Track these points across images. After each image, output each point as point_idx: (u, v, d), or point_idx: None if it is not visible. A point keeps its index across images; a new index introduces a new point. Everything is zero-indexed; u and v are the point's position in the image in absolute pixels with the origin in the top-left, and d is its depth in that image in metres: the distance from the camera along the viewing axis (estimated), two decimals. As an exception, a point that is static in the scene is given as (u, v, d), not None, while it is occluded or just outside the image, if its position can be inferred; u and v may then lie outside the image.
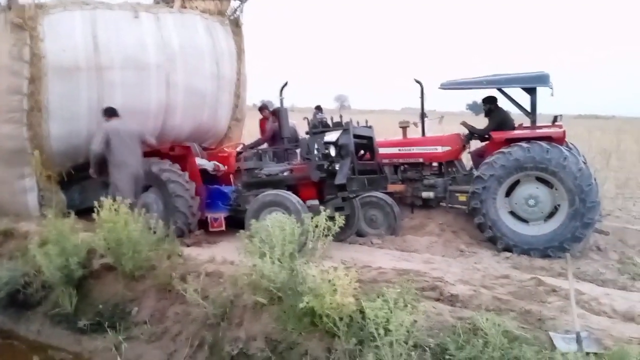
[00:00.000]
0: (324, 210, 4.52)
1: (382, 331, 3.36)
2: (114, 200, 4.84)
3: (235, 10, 8.52)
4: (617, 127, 27.06)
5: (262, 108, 9.25)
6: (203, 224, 6.81)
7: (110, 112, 6.50)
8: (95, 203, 4.98)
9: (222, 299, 4.35)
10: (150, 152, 6.86)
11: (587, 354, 3.30)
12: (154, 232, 5.15)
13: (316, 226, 4.35)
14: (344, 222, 4.47)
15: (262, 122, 9.11)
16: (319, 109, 11.29)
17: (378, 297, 3.57)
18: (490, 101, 7.21)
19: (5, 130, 6.35)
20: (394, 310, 3.46)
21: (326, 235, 4.28)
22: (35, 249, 4.91)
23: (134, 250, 4.76)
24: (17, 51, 6.14)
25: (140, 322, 4.68)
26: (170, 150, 6.88)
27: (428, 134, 8.33)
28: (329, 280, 3.67)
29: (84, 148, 6.98)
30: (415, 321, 3.50)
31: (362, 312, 3.66)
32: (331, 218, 4.43)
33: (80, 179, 7.47)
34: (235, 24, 8.55)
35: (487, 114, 7.35)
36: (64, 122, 6.63)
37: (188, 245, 6.14)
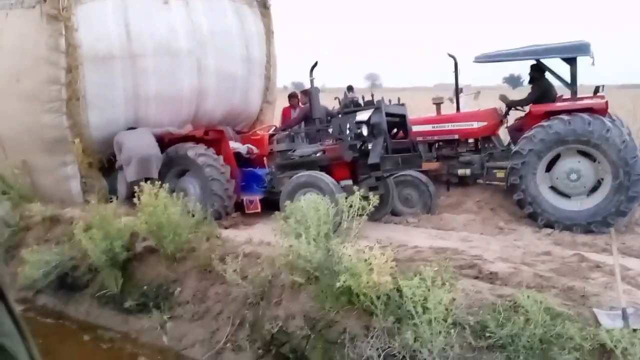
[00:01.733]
0: (358, 190, 4.52)
1: (419, 309, 3.36)
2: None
3: (264, -8, 8.47)
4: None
5: (291, 96, 9.19)
6: (239, 207, 6.91)
7: None
8: (136, 188, 5.13)
9: (260, 279, 4.42)
10: (185, 137, 6.98)
11: (634, 330, 3.21)
12: (193, 215, 5.26)
13: (350, 206, 4.35)
14: (378, 201, 4.46)
15: (286, 110, 9.06)
16: (350, 89, 11.20)
17: (415, 275, 3.56)
18: (537, 69, 6.91)
19: (47, 119, 6.56)
20: (431, 288, 3.44)
21: (360, 215, 4.26)
22: (81, 233, 5.09)
23: (175, 233, 4.88)
24: (54, 42, 6.30)
25: (183, 302, 4.82)
26: (205, 134, 6.97)
27: (464, 109, 8.14)
28: (365, 260, 3.68)
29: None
30: (454, 299, 3.47)
31: (399, 290, 3.66)
32: (365, 198, 4.42)
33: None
34: (264, 6, 8.52)
35: (531, 81, 7.09)
36: (102, 111, 6.80)
37: (225, 228, 6.24)
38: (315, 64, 6.81)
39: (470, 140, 7.34)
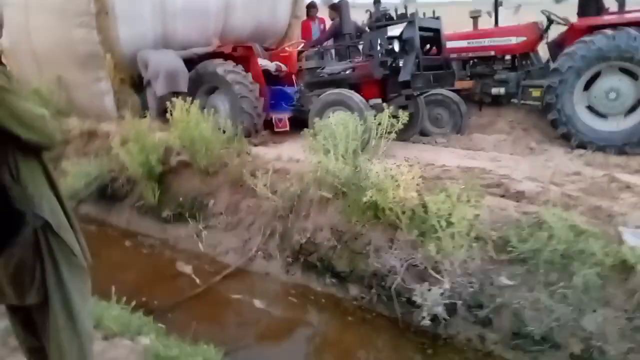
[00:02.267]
0: (388, 108, 4.49)
1: (443, 223, 3.46)
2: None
3: None
4: None
5: (310, 7, 8.76)
6: (268, 125, 6.97)
7: None
8: (167, 104, 5.23)
9: (289, 193, 4.58)
10: (214, 54, 6.93)
11: (658, 249, 3.25)
12: (224, 132, 5.36)
13: (379, 124, 4.35)
14: (407, 120, 4.44)
15: (305, 23, 8.72)
16: (377, 1, 10.64)
17: (441, 192, 3.63)
18: None
19: (78, 34, 6.57)
20: (456, 204, 3.52)
21: (389, 133, 4.28)
22: (118, 147, 5.29)
23: (207, 148, 5.02)
24: (81, -46, 6.17)
25: (217, 213, 5.07)
26: (233, 51, 6.89)
27: (503, 24, 7.73)
28: (392, 176, 3.75)
29: (152, 51, 7.16)
30: (478, 215, 3.54)
31: (424, 206, 3.74)
32: (394, 116, 4.40)
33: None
34: None
35: None
36: (130, 25, 6.75)
37: (255, 145, 6.35)
38: (346, -25, 6.51)
39: (507, 58, 7.05)
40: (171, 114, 5.11)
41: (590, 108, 5.92)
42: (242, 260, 4.60)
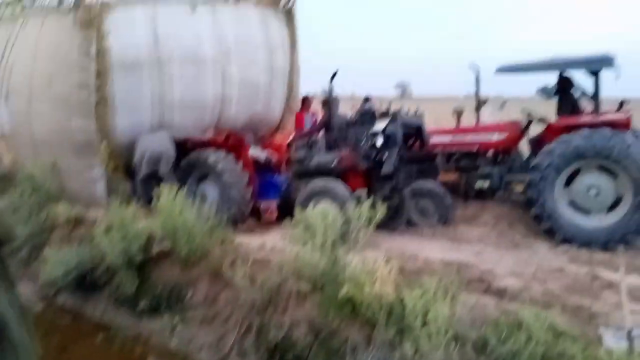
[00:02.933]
0: (372, 200, 4.55)
1: (419, 322, 3.38)
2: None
3: (289, 0, 8.59)
4: None
5: (304, 100, 9.24)
6: (256, 213, 7.01)
7: None
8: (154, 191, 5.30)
9: (268, 285, 4.50)
10: (207, 142, 7.15)
11: (640, 353, 3.15)
12: (208, 220, 5.39)
13: (359, 215, 4.39)
14: (387, 211, 4.48)
15: (299, 115, 9.12)
16: (367, 99, 11.16)
17: (418, 288, 3.58)
18: (562, 81, 6.81)
19: (77, 123, 6.82)
20: (433, 301, 3.46)
21: (369, 225, 4.30)
22: (100, 235, 5.29)
23: (189, 237, 5.02)
24: (85, 48, 6.55)
25: (194, 305, 4.96)
26: (225, 140, 7.12)
27: (489, 120, 8.05)
28: (369, 270, 3.72)
29: (147, 139, 7.40)
30: (454, 314, 3.46)
31: (402, 302, 3.67)
32: (373, 207, 4.45)
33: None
34: (289, 14, 8.64)
35: (557, 93, 6.98)
36: (128, 115, 7.02)
37: (242, 233, 6.36)
38: (335, 73, 6.88)
39: (490, 153, 7.26)
40: (157, 201, 5.16)
41: (572, 204, 6.01)
42: (215, 358, 4.42)
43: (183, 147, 7.43)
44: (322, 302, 4.07)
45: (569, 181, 6.00)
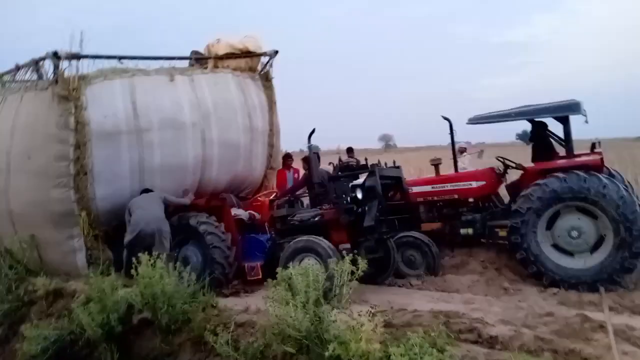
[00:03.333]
0: (356, 254, 4.51)
1: (407, 378, 3.26)
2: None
3: (265, 65, 8.89)
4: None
5: (286, 157, 9.42)
6: (241, 273, 6.90)
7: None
8: (134, 259, 5.19)
9: (253, 349, 4.34)
10: (188, 206, 7.13)
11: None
12: (189, 285, 5.27)
13: (342, 271, 4.33)
14: (373, 264, 4.44)
15: (280, 172, 9.22)
16: (350, 151, 11.36)
17: (403, 342, 3.48)
18: (536, 128, 7.00)
19: (55, 194, 6.76)
20: (420, 355, 3.35)
21: (351, 280, 4.24)
22: (79, 307, 5.13)
23: (169, 304, 4.88)
24: (64, 120, 6.60)
25: (177, 376, 4.74)
26: (207, 203, 7.11)
27: (468, 168, 8.17)
28: (352, 327, 3.62)
29: (127, 207, 7.36)
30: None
31: (389, 358, 3.56)
32: (368, 261, 4.43)
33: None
34: (266, 78, 8.91)
35: (532, 139, 7.17)
36: (108, 184, 7.01)
37: (226, 296, 6.22)
38: (313, 130, 7.01)
39: (471, 200, 7.33)
40: (136, 270, 5.05)
41: (556, 246, 6.03)
42: None
43: (165, 211, 7.39)
44: (308, 364, 3.92)
45: (550, 224, 6.05)
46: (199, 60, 8.27)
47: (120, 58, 7.31)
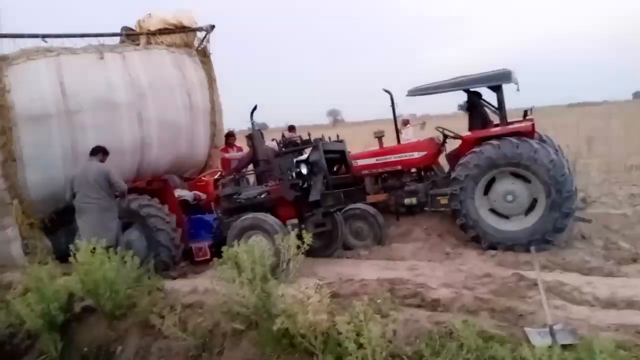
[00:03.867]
0: (303, 228, 4.55)
1: (353, 345, 3.34)
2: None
3: (202, 40, 8.61)
4: (607, 112, 27.08)
5: (227, 135, 9.25)
6: (189, 255, 6.80)
7: (92, 152, 6.41)
8: (71, 246, 4.99)
9: (201, 329, 4.32)
10: (128, 189, 6.88)
11: (563, 346, 3.27)
12: (133, 269, 5.13)
13: (288, 245, 4.35)
14: (321, 237, 4.49)
15: (223, 150, 9.08)
16: (291, 128, 11.29)
17: (347, 311, 3.56)
18: (472, 97, 7.18)
19: (-17, 183, 6.38)
20: (364, 322, 3.44)
21: (297, 254, 4.27)
22: (16, 298, 4.90)
23: (112, 290, 4.74)
24: (-14, 105, 6.20)
25: (125, 361, 4.65)
26: (148, 184, 6.90)
27: (412, 140, 8.32)
28: (301, 300, 3.66)
29: (63, 193, 7.02)
30: (385, 332, 3.46)
31: (336, 328, 3.64)
32: (316, 234, 4.46)
33: (65, 223, 7.50)
34: (203, 54, 8.64)
35: (468, 109, 7.38)
36: (40, 170, 6.65)
37: (174, 278, 6.12)
38: (255, 107, 6.94)
39: (413, 170, 7.52)
40: (74, 257, 4.86)
41: (493, 211, 6.31)
42: (150, 414, 4.15)
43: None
44: (257, 340, 3.95)
45: (487, 190, 6.31)
46: (130, 36, 7.89)
47: (44, 37, 6.87)
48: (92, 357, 4.77)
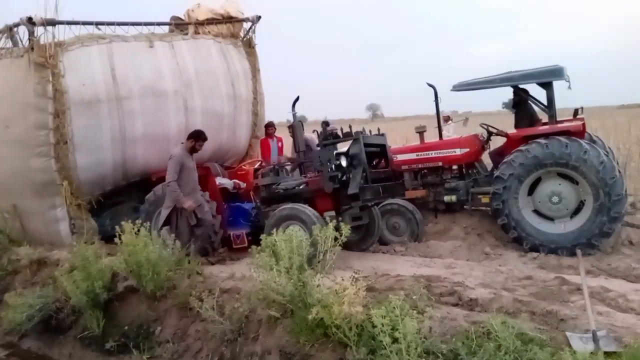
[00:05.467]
0: (340, 221, 4.56)
1: (388, 339, 3.33)
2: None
3: (248, 31, 8.71)
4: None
5: (267, 126, 9.29)
6: (227, 242, 6.92)
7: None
8: (117, 227, 5.17)
9: (238, 314, 4.41)
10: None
11: (606, 353, 3.16)
12: (174, 252, 5.28)
13: (326, 237, 4.37)
14: (357, 231, 4.48)
15: (263, 141, 9.14)
16: (326, 123, 11.17)
17: (384, 305, 3.54)
18: (519, 94, 6.96)
19: (36, 163, 6.67)
20: (401, 317, 3.42)
21: (335, 246, 4.28)
22: (63, 275, 5.13)
23: (154, 271, 4.90)
24: (41, 88, 6.45)
25: (163, 341, 4.79)
26: (191, 171, 7.04)
27: (453, 136, 8.17)
28: (335, 291, 3.68)
29: (110, 176, 7.29)
30: (420, 329, 3.44)
31: (371, 321, 3.63)
32: (353, 228, 4.46)
33: (110, 206, 7.79)
34: (249, 45, 8.74)
35: (515, 106, 7.19)
36: (89, 153, 6.91)
37: (212, 264, 6.24)
38: (297, 98, 6.95)
39: (455, 167, 7.39)
40: (120, 238, 5.04)
41: (537, 212, 6.13)
42: (187, 393, 4.27)
43: (148, 181, 7.34)
44: (292, 328, 3.99)
45: (531, 190, 6.14)
46: (178, 26, 8.06)
47: (97, 24, 7.11)
48: (132, 336, 4.95)
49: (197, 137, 6.40)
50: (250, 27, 8.66)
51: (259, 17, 8.56)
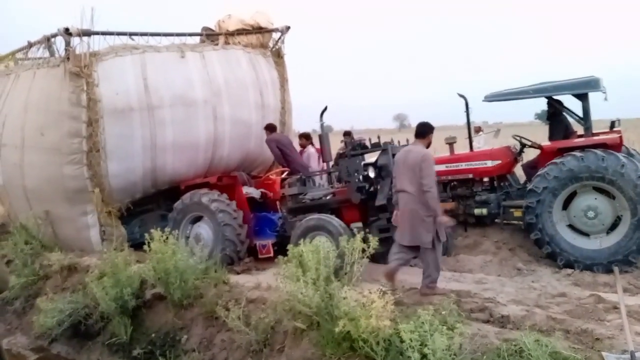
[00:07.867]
0: (367, 232, 4.49)
1: (417, 355, 3.24)
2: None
3: (277, 41, 8.79)
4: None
5: (300, 137, 9.32)
6: (252, 251, 6.92)
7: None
8: (147, 235, 5.23)
9: (264, 325, 4.38)
10: (200, 184, 7.14)
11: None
12: (201, 262, 5.30)
13: (353, 249, 4.31)
14: (385, 243, 4.40)
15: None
16: (348, 134, 10.93)
17: (413, 320, 3.46)
18: (553, 106, 6.79)
19: (68, 171, 6.83)
20: (430, 332, 3.33)
21: (362, 258, 4.22)
22: (93, 281, 5.20)
23: (181, 280, 4.92)
24: (76, 97, 6.62)
25: (189, 350, 4.80)
26: (218, 180, 7.11)
27: (484, 148, 8.01)
28: (363, 304, 3.61)
29: (140, 184, 7.41)
30: (450, 345, 3.33)
31: (399, 335, 3.55)
32: (380, 240, 4.39)
33: (139, 213, 7.92)
34: (277, 55, 8.82)
35: (549, 118, 7.01)
36: (121, 161, 7.04)
37: (238, 273, 6.24)
38: (325, 108, 6.93)
39: (486, 179, 7.22)
40: (149, 245, 5.08)
41: (572, 227, 5.93)
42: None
43: (177, 189, 7.43)
44: (318, 340, 3.93)
45: (566, 204, 5.95)
46: (209, 36, 8.19)
47: (131, 34, 7.28)
48: (159, 344, 4.97)
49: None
50: (280, 38, 8.75)
51: (288, 28, 8.63)
